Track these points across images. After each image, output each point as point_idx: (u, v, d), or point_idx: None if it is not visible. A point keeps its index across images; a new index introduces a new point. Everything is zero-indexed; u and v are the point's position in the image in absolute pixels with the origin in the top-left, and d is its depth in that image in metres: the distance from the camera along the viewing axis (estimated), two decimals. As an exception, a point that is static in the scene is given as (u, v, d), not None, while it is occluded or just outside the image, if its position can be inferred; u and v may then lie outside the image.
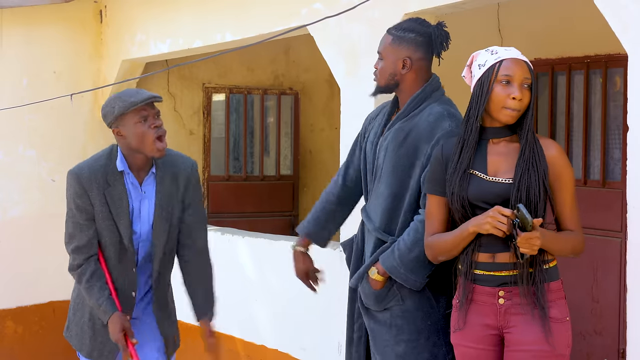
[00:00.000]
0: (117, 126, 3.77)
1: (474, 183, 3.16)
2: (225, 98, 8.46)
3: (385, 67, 3.70)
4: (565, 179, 3.13)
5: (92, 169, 3.84)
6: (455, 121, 3.53)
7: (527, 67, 3.13)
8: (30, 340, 7.49)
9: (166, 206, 3.90)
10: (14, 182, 7.35)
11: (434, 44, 3.65)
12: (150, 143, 3.74)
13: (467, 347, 3.24)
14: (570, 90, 6.45)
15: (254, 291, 5.82)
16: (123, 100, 3.73)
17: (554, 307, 3.08)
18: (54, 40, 7.53)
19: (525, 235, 2.95)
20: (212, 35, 6.08)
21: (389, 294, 3.60)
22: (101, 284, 3.84)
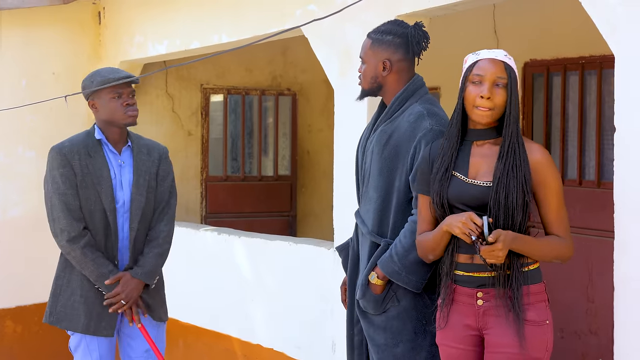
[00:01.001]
0: (93, 99, 4.12)
1: (454, 184, 3.18)
2: (224, 99, 8.50)
3: (367, 71, 3.74)
4: (549, 184, 3.10)
5: (73, 142, 4.14)
6: (437, 119, 3.54)
7: (502, 67, 3.12)
8: (30, 339, 7.52)
9: (144, 173, 4.18)
10: (13, 183, 7.39)
11: (411, 45, 3.68)
12: (121, 113, 4.08)
13: (449, 347, 3.27)
14: (565, 91, 6.48)
15: (250, 291, 5.85)
16: (102, 75, 4.09)
17: (532, 310, 3.07)
18: (53, 41, 7.57)
19: (487, 248, 2.97)
20: (209, 37, 6.12)
21: (387, 296, 3.62)
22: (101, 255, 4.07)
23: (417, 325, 3.60)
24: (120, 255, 4.16)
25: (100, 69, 4.21)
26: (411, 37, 3.67)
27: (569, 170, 6.49)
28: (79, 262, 4.05)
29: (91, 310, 4.08)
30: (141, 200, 4.16)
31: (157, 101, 8.13)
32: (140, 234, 4.20)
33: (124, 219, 4.16)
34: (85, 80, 4.16)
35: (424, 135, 3.49)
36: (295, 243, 5.48)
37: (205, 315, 6.36)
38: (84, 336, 4.12)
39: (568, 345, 6.04)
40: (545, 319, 3.09)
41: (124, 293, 4.07)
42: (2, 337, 7.43)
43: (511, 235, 3.00)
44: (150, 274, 4.17)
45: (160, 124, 8.12)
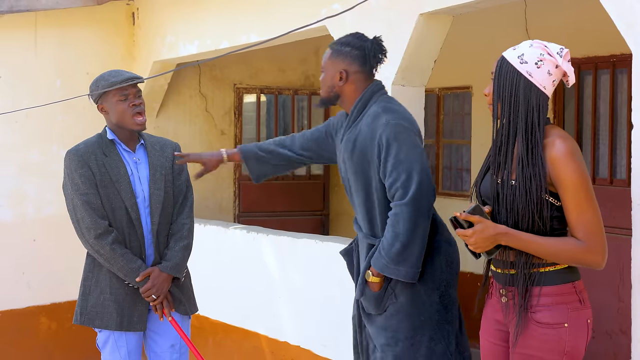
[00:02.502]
0: (101, 103, 4.18)
1: (485, 181, 3.19)
2: (256, 98, 8.54)
3: (325, 80, 3.84)
4: (565, 182, 2.94)
5: (87, 144, 4.19)
6: (392, 114, 3.63)
7: (497, 59, 3.09)
8: (64, 336, 7.62)
9: (160, 168, 4.24)
10: (48, 182, 7.48)
11: (368, 58, 3.75)
12: (129, 117, 4.13)
13: (484, 339, 3.27)
14: (596, 89, 6.42)
15: (277, 289, 5.88)
16: (106, 79, 4.14)
17: (546, 311, 2.99)
18: (87, 42, 7.68)
19: (459, 231, 2.99)
20: (238, 36, 6.16)
21: (385, 294, 3.67)
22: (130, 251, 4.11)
23: (415, 321, 3.63)
24: (146, 250, 4.19)
25: (104, 72, 4.24)
26: (368, 50, 3.76)
27: (600, 169, 6.43)
28: (108, 259, 4.08)
29: (122, 307, 4.13)
30: (160, 194, 4.20)
31: (191, 101, 8.20)
32: (163, 228, 4.23)
33: (146, 214, 4.19)
34: (92, 85, 4.21)
35: (383, 130, 3.59)
36: (322, 241, 5.49)
37: (234, 313, 6.39)
38: (112, 332, 4.16)
39: (600, 345, 5.99)
40: (564, 322, 2.98)
41: (155, 288, 4.11)
42: (36, 334, 7.54)
43: (492, 228, 2.97)
44: (178, 267, 4.21)
45: (193, 124, 8.19)
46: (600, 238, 2.94)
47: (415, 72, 4.73)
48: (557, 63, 3.02)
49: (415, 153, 3.60)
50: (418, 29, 4.54)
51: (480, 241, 2.97)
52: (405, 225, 3.54)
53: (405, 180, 3.55)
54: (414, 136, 3.64)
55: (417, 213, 3.55)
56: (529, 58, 3.00)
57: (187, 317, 4.35)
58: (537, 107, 3.00)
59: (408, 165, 3.57)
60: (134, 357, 4.21)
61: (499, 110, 3.05)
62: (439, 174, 8.04)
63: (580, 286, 3.06)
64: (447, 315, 3.72)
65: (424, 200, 3.57)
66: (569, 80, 3.09)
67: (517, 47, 3.06)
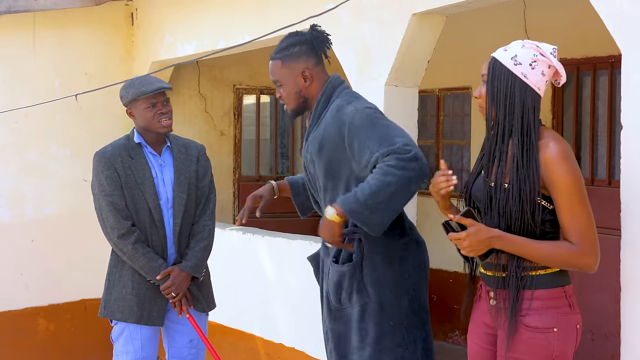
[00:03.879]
0: (130, 107, 4.34)
1: (478, 182, 3.15)
2: (256, 99, 8.53)
3: (289, 89, 3.67)
4: (558, 185, 2.90)
5: (115, 146, 4.37)
6: (358, 102, 3.50)
7: (488, 61, 3.05)
8: (62, 337, 7.60)
9: (184, 172, 4.38)
10: (47, 182, 7.49)
11: (317, 47, 3.64)
12: (156, 122, 4.29)
13: (471, 342, 3.24)
14: (595, 90, 6.39)
15: (273, 290, 5.86)
16: (136, 87, 4.28)
17: (536, 315, 2.95)
18: (86, 42, 7.67)
19: (452, 235, 2.94)
20: (234, 37, 6.15)
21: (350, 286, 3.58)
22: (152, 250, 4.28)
23: (384, 326, 3.55)
24: (168, 250, 4.36)
25: (134, 78, 4.41)
26: (314, 39, 3.64)
27: (599, 170, 6.40)
28: (131, 257, 4.26)
29: (143, 302, 4.31)
30: (183, 197, 4.35)
31: (190, 102, 8.20)
32: (184, 229, 4.39)
33: (169, 216, 4.35)
34: (121, 90, 4.36)
35: (353, 117, 3.43)
36: (317, 242, 5.46)
37: (231, 314, 6.38)
38: (127, 325, 4.34)
39: (598, 347, 5.95)
40: (553, 326, 2.94)
41: (175, 286, 4.27)
42: (34, 335, 7.51)
43: (486, 232, 2.93)
44: (197, 267, 4.36)
45: (193, 124, 8.18)
46: (593, 241, 2.91)
47: (409, 73, 4.71)
48: (550, 63, 2.99)
49: (399, 129, 3.40)
50: (411, 29, 4.51)
51: (473, 244, 2.92)
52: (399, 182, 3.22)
53: (403, 145, 3.27)
54: (386, 118, 3.47)
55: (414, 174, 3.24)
56: (523, 59, 2.97)
57: (204, 314, 4.50)
58: (532, 108, 2.96)
59: (399, 134, 3.34)
60: (147, 349, 4.37)
61: (493, 113, 3.01)
62: (439, 175, 7.99)
63: (570, 291, 3.03)
64: (415, 320, 3.63)
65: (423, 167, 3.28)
66: (560, 80, 3.07)
67: (508, 48, 3.03)
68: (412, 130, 4.80)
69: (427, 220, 7.84)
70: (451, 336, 7.71)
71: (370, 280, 3.57)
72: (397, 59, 4.61)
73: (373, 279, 3.58)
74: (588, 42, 6.22)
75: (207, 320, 4.56)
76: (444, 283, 7.73)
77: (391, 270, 3.59)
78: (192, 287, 4.38)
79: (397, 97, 4.71)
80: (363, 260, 3.58)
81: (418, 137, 8.09)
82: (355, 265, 3.58)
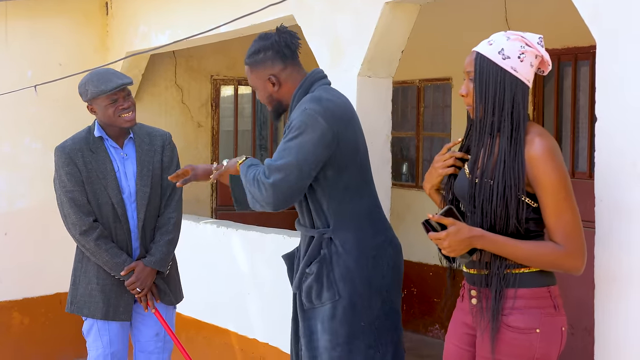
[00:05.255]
0: (91, 104, 4.23)
1: (459, 179, 3.07)
2: (234, 90, 8.41)
3: (261, 94, 3.71)
4: (542, 182, 2.81)
5: (75, 140, 4.27)
6: (316, 103, 3.45)
7: (472, 58, 2.94)
8: (37, 331, 7.51)
9: (147, 164, 4.29)
10: (19, 174, 7.37)
11: (281, 52, 3.60)
12: (118, 117, 4.19)
13: (449, 342, 3.15)
14: (576, 81, 6.31)
15: (246, 285, 5.76)
16: (95, 85, 4.16)
17: (518, 315, 2.85)
18: (59, 32, 7.53)
19: (432, 234, 2.84)
20: (207, 26, 6.02)
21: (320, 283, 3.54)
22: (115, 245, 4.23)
23: (355, 327, 3.51)
24: (132, 244, 4.31)
25: (92, 74, 4.26)
26: (277, 44, 3.61)
27: (579, 163, 6.32)
28: (94, 254, 4.21)
29: (109, 297, 4.26)
30: (146, 190, 4.28)
31: (166, 92, 8.08)
32: (149, 222, 4.33)
33: (132, 210, 4.29)
34: (80, 87, 4.25)
35: (295, 117, 3.45)
36: (290, 236, 5.37)
37: (205, 309, 6.30)
38: (95, 321, 4.29)
39: (579, 341, 5.89)
40: (535, 327, 2.85)
41: (139, 281, 4.23)
42: (8, 329, 7.42)
43: (467, 231, 2.83)
44: (162, 261, 4.31)
45: (169, 115, 8.06)
46: (580, 242, 2.82)
47: (382, 63, 4.59)
48: (537, 53, 2.91)
49: (303, 150, 3.40)
50: (384, 19, 4.40)
51: (454, 244, 2.81)
52: (256, 193, 3.43)
53: (276, 167, 3.38)
54: (318, 137, 3.41)
55: (267, 199, 3.39)
56: (511, 52, 2.87)
57: (172, 307, 4.48)
58: (522, 103, 2.88)
59: (287, 155, 3.39)
60: (115, 345, 4.32)
61: (481, 110, 2.90)
62: (419, 166, 7.93)
63: (556, 291, 2.94)
64: (387, 323, 3.58)
65: (279, 194, 3.39)
66: (546, 69, 2.99)
67: (492, 42, 2.92)
68: (386, 122, 4.69)
69: (409, 213, 7.76)
70: (431, 329, 7.65)
71: (342, 278, 3.52)
72: (369, 49, 4.50)
73: (344, 276, 3.52)
74: (569, 32, 6.13)
75: (174, 313, 4.54)
76: (425, 276, 7.67)
77: (363, 269, 3.54)
78: (158, 280, 4.34)
79: (370, 88, 4.60)
80: (334, 258, 3.53)
81: (398, 128, 8.09)
82: (322, 261, 3.54)
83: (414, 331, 7.78)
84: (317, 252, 3.59)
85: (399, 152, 8.20)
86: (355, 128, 3.62)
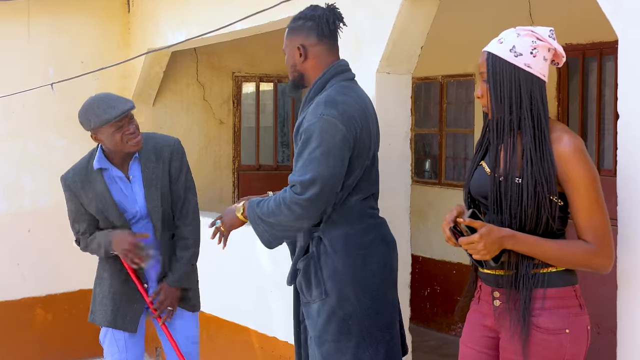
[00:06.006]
0: (95, 133, 4.11)
1: (477, 175, 3.01)
2: (256, 87, 8.38)
3: (288, 60, 3.66)
4: (575, 181, 2.76)
5: (75, 171, 4.27)
6: (332, 108, 3.39)
7: (484, 58, 2.89)
8: (60, 328, 7.53)
9: (155, 183, 4.21)
10: (44, 172, 7.36)
11: (320, 27, 3.54)
12: (124, 144, 4.09)
13: (465, 346, 3.09)
14: (601, 75, 6.22)
15: (268, 283, 5.73)
16: (97, 115, 4.02)
17: (547, 316, 2.82)
18: (81, 30, 7.52)
19: (464, 239, 2.78)
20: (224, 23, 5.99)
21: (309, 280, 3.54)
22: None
23: (342, 325, 3.47)
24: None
25: (92, 101, 4.11)
26: (320, 19, 3.55)
27: (605, 160, 6.23)
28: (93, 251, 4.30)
29: (118, 306, 4.28)
30: (157, 210, 4.23)
31: (188, 90, 8.06)
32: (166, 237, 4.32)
33: (149, 228, 4.28)
34: (81, 116, 4.13)
35: (312, 124, 3.39)
36: (311, 234, 5.32)
37: (226, 307, 6.28)
38: (108, 328, 4.34)
39: (604, 341, 5.82)
40: (565, 328, 2.81)
41: (168, 300, 4.27)
42: (32, 326, 7.45)
43: (497, 231, 2.77)
44: (184, 278, 4.33)
45: (190, 113, 8.05)
46: (609, 240, 2.80)
47: (401, 59, 4.53)
48: (549, 46, 2.86)
49: (330, 157, 3.37)
50: (402, 14, 4.34)
51: (489, 246, 2.76)
52: (289, 216, 3.40)
53: (309, 180, 3.34)
54: (340, 141, 3.38)
55: (305, 215, 3.38)
56: (522, 49, 2.83)
57: (196, 314, 4.52)
58: (540, 99, 2.83)
59: (317, 167, 3.35)
60: (132, 350, 4.35)
61: (499, 110, 2.86)
62: (442, 163, 7.86)
63: (579, 291, 2.90)
64: (379, 322, 3.54)
65: (316, 208, 3.38)
66: (560, 61, 2.93)
67: (502, 40, 2.88)
68: (406, 119, 4.63)
69: (431, 210, 7.71)
70: (454, 328, 7.58)
71: (329, 277, 3.50)
72: (388, 45, 4.44)
73: (332, 275, 3.50)
74: (594, 27, 6.04)
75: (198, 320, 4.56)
76: (448, 274, 7.60)
77: (351, 267, 3.49)
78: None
79: (389, 85, 4.54)
80: (322, 257, 3.51)
81: (421, 125, 8.02)
82: (310, 259, 3.54)
83: (438, 330, 7.72)
84: (306, 250, 3.61)
85: (421, 149, 8.15)
86: (370, 129, 3.58)
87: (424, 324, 7.85)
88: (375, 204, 3.67)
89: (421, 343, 7.14)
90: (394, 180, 4.55)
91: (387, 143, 4.42)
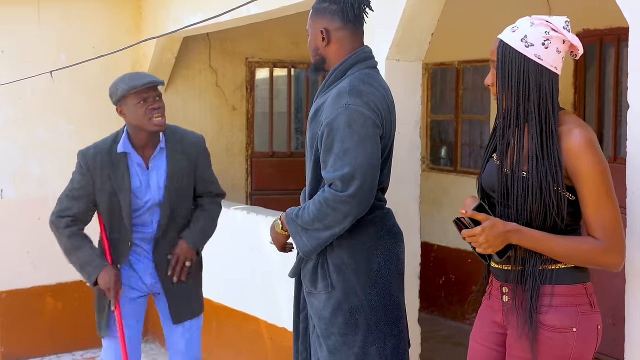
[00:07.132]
0: (120, 105, 4.15)
1: (488, 168, 2.94)
2: (269, 73, 8.30)
3: (310, 43, 3.56)
4: (584, 175, 2.68)
5: (98, 148, 4.26)
6: (356, 97, 3.29)
7: (495, 46, 2.81)
8: (70, 316, 7.51)
9: (178, 177, 4.26)
10: (53, 159, 7.32)
11: (345, 11, 3.43)
12: (147, 120, 4.09)
13: (474, 342, 3.04)
14: (619, 62, 6.09)
15: (277, 272, 5.67)
16: (126, 83, 4.09)
17: (553, 313, 2.75)
18: (92, 15, 7.44)
19: (466, 231, 2.72)
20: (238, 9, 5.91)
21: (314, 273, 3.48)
22: (90, 245, 4.34)
23: (348, 319, 3.41)
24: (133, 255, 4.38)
25: (124, 75, 4.20)
26: (344, 2, 3.44)
27: (622, 148, 6.11)
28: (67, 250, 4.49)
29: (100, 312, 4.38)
30: (168, 204, 4.27)
31: (200, 75, 7.99)
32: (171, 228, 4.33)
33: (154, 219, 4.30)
34: (111, 87, 4.19)
35: (339, 113, 3.27)
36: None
37: (235, 296, 6.23)
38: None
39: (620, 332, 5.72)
40: (572, 326, 2.73)
41: (183, 254, 4.30)
42: (42, 314, 7.43)
43: (502, 226, 2.70)
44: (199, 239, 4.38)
45: (203, 99, 7.98)
46: (620, 237, 2.71)
47: (411, 46, 4.44)
48: (564, 38, 2.75)
49: (365, 145, 3.26)
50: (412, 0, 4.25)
51: (491, 239, 2.69)
52: (335, 217, 3.29)
53: (348, 175, 3.24)
54: (371, 127, 3.29)
55: (352, 212, 3.28)
56: (534, 39, 2.73)
57: (200, 317, 4.51)
58: (550, 92, 2.73)
59: (354, 158, 3.24)
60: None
61: (506, 101, 2.78)
62: (458, 150, 7.76)
63: (591, 288, 2.82)
64: (386, 316, 3.47)
65: (363, 202, 3.28)
66: (578, 52, 2.82)
67: (516, 28, 2.79)
68: (416, 107, 4.54)
69: (446, 197, 7.61)
70: (469, 317, 7.50)
71: (335, 270, 3.43)
72: (398, 32, 4.35)
73: (337, 267, 3.43)
74: (612, 12, 5.88)
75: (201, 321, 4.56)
76: (463, 263, 7.51)
77: (357, 260, 3.43)
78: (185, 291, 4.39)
79: (399, 72, 4.45)
80: (327, 250, 3.44)
81: (437, 111, 7.92)
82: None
83: (452, 319, 7.65)
84: None
85: (437, 136, 8.04)
86: (391, 120, 3.50)
87: (439, 312, 7.78)
88: (382, 196, 3.59)
89: (434, 333, 7.07)
90: (403, 169, 4.47)
91: (397, 131, 4.31)
